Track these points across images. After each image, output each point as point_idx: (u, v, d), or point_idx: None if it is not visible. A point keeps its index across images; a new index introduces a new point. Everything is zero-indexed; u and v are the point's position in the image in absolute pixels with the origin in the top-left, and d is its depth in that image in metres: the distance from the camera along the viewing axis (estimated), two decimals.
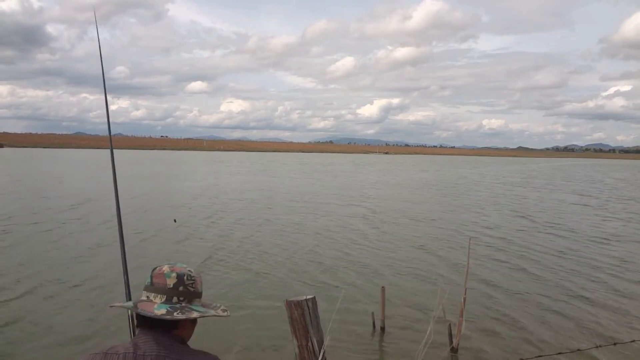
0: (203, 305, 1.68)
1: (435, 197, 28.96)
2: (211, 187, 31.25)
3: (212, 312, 1.66)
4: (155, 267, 1.69)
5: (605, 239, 15.55)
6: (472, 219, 19.10)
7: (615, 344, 3.98)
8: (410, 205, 23.71)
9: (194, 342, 1.71)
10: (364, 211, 20.92)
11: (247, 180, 38.00)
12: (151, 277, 1.66)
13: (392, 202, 25.00)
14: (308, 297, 2.59)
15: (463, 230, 16.28)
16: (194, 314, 1.60)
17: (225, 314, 1.69)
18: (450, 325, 6.60)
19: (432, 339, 6.41)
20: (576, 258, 12.56)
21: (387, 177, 48.90)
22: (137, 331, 1.66)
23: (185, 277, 1.65)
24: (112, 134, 2.72)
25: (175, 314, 1.57)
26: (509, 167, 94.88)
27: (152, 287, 1.64)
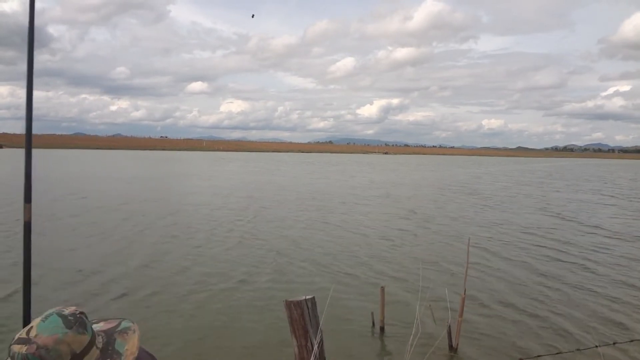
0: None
1: (460, 196, 28.98)
2: (238, 187, 31.40)
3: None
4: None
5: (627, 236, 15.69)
6: (497, 219, 19.20)
7: (615, 343, 3.98)
8: (435, 205, 23.98)
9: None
10: (391, 211, 21.15)
11: (269, 181, 38.20)
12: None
13: (417, 202, 25.19)
14: (307, 297, 2.58)
15: (483, 230, 16.44)
16: None
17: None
18: (449, 325, 6.60)
19: (431, 339, 6.42)
20: (584, 257, 12.57)
21: (402, 177, 49.24)
22: None
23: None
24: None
25: None
26: (515, 166, 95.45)
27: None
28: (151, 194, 25.52)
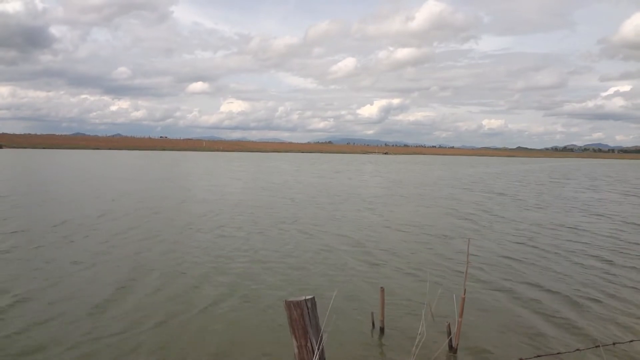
0: None
1: (491, 196, 29.24)
2: (267, 187, 31.81)
3: None
4: None
5: None
6: (520, 217, 19.20)
7: (615, 343, 3.98)
8: (466, 204, 24.28)
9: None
10: (423, 210, 21.60)
11: (294, 180, 38.89)
12: None
13: (450, 202, 25.48)
14: (307, 297, 2.58)
15: (496, 229, 16.44)
16: None
17: None
18: (449, 325, 6.60)
19: (430, 339, 6.43)
20: (586, 256, 12.58)
21: (422, 176, 49.91)
22: None
23: None
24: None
25: None
26: (522, 166, 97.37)
27: None
28: (184, 194, 25.79)
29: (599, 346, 3.79)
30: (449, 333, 6.57)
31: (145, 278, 9.64)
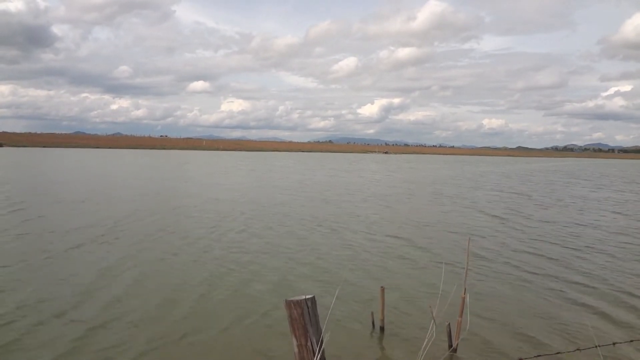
0: None
1: (496, 195, 29.16)
2: (291, 187, 31.63)
3: None
4: None
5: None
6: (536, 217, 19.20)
7: (614, 343, 3.97)
8: (481, 203, 24.25)
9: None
10: (433, 208, 21.74)
11: (313, 180, 38.99)
12: None
13: (458, 200, 25.66)
14: (307, 296, 2.58)
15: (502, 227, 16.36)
16: None
17: None
18: (449, 325, 6.60)
19: (430, 339, 6.42)
20: (585, 256, 12.60)
21: (433, 176, 50.01)
22: None
23: None
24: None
25: None
26: (525, 166, 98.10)
27: None
28: (204, 193, 25.76)
29: (598, 346, 3.78)
30: (449, 333, 6.57)
31: (181, 283, 9.56)
